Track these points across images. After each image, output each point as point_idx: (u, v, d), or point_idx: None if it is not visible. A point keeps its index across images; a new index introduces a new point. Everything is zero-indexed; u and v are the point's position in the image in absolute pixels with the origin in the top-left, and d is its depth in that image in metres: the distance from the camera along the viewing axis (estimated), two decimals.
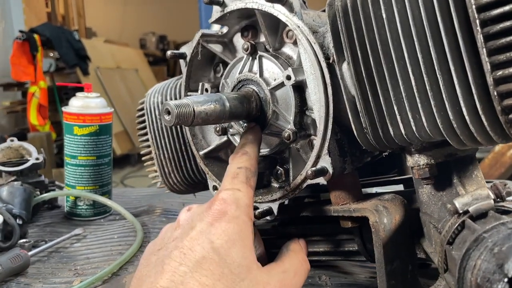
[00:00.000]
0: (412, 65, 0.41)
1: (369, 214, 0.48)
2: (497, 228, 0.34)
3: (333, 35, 0.47)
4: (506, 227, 0.33)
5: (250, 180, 0.47)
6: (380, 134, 0.46)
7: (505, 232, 0.32)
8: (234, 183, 0.46)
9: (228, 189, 0.45)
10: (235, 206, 0.43)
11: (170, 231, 0.45)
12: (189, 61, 0.63)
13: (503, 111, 0.36)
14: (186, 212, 0.46)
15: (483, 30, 0.36)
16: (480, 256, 0.32)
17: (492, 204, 0.38)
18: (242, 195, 0.44)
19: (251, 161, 0.49)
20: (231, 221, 0.41)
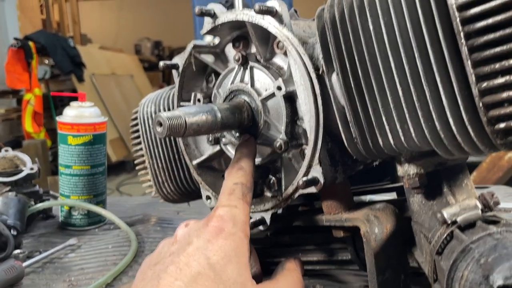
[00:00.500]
0: (399, 76, 0.41)
1: (360, 224, 0.48)
2: (483, 239, 0.34)
3: (322, 46, 0.48)
4: (493, 237, 0.34)
5: (246, 196, 0.48)
6: (369, 144, 0.46)
7: (491, 243, 0.33)
8: (231, 199, 0.46)
9: (225, 206, 0.45)
10: (232, 223, 0.43)
11: (167, 246, 0.46)
12: (181, 72, 0.64)
13: (489, 122, 0.37)
14: (184, 228, 0.47)
15: (467, 42, 0.36)
16: (467, 267, 0.32)
17: (479, 214, 0.38)
18: (238, 212, 0.45)
19: (246, 177, 0.50)
20: (228, 238, 0.42)
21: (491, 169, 2.10)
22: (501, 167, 2.08)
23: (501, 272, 0.28)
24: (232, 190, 0.47)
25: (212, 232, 0.42)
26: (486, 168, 2.11)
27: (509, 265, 0.28)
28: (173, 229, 0.95)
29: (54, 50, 4.79)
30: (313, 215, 0.57)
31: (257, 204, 0.59)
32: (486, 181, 2.09)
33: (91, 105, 0.92)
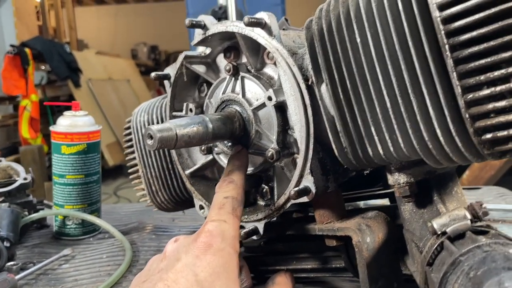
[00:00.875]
0: (387, 87, 0.42)
1: (352, 234, 0.49)
2: (473, 252, 0.34)
3: (311, 57, 0.48)
4: (482, 250, 0.34)
5: (236, 210, 0.47)
6: (359, 153, 0.47)
7: (480, 256, 0.33)
8: (221, 214, 0.46)
9: (214, 221, 0.45)
10: (221, 239, 0.43)
11: (156, 263, 0.45)
12: (173, 82, 0.64)
13: (475, 133, 0.37)
14: (173, 244, 0.47)
15: (452, 55, 0.37)
16: (457, 281, 0.32)
17: (469, 224, 0.39)
18: (228, 227, 0.45)
19: (237, 190, 0.50)
20: (216, 254, 0.41)
21: (483, 167, 2.11)
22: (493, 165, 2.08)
23: (490, 286, 0.28)
24: (222, 204, 0.47)
25: (201, 248, 0.42)
26: (478, 167, 2.12)
27: (498, 279, 0.29)
28: (168, 237, 0.95)
29: (51, 56, 4.79)
30: (306, 224, 0.57)
31: (250, 213, 0.59)
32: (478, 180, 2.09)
33: (85, 114, 0.92)
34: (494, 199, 1.07)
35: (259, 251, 0.71)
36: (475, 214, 0.40)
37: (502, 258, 0.31)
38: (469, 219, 0.39)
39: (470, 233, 0.38)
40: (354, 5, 0.43)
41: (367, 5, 0.42)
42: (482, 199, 1.08)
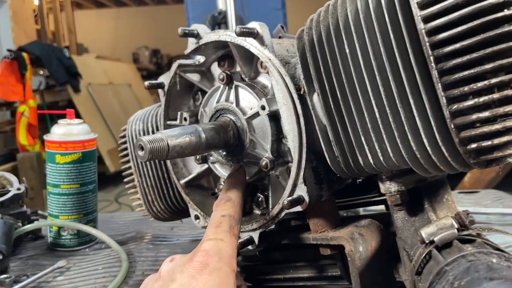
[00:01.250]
0: (376, 97, 0.44)
1: (345, 243, 0.50)
2: (457, 261, 0.36)
3: (302, 67, 0.50)
4: (466, 259, 0.36)
5: (233, 228, 0.48)
6: (350, 163, 0.48)
7: (464, 266, 0.34)
8: (217, 232, 0.47)
9: (211, 240, 0.46)
10: (218, 258, 0.44)
11: (151, 283, 0.46)
12: (167, 91, 0.66)
13: (461, 143, 0.39)
14: (168, 263, 0.47)
15: (437, 66, 0.39)
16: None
17: (456, 233, 0.40)
18: (225, 246, 0.45)
19: (235, 208, 0.50)
20: (213, 274, 0.42)
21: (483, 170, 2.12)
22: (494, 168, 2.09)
23: None
24: (219, 223, 0.48)
25: (197, 267, 0.42)
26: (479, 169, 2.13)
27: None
28: (167, 246, 0.98)
29: (49, 60, 4.84)
30: (300, 233, 0.59)
31: (245, 223, 0.61)
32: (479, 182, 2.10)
33: (80, 122, 0.95)
34: (492, 203, 1.08)
35: (257, 260, 0.73)
36: (462, 222, 0.41)
37: (485, 268, 0.33)
38: (456, 228, 0.41)
39: (457, 242, 0.39)
40: (343, 17, 0.45)
41: (355, 17, 0.44)
42: (480, 202, 1.09)
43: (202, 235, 1.04)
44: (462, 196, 1.20)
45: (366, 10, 0.43)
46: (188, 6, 2.86)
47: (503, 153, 0.39)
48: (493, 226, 0.94)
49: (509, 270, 0.32)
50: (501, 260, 0.35)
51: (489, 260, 0.34)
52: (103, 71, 6.25)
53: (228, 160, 0.61)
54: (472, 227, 0.42)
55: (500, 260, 0.35)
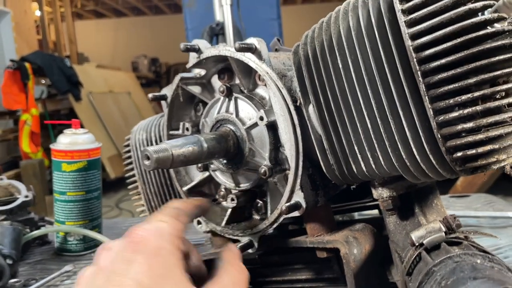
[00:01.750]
0: (367, 109, 0.45)
1: (340, 246, 0.52)
2: (445, 262, 0.37)
3: (298, 80, 0.52)
4: (453, 260, 0.37)
5: (179, 216, 0.45)
6: (344, 170, 0.50)
7: (451, 266, 0.36)
8: (158, 216, 0.43)
9: (150, 222, 0.42)
10: (156, 236, 0.40)
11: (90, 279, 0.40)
12: (170, 103, 0.68)
13: (447, 151, 0.41)
14: (105, 253, 0.41)
15: (424, 80, 0.40)
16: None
17: (443, 236, 0.42)
18: (165, 225, 0.42)
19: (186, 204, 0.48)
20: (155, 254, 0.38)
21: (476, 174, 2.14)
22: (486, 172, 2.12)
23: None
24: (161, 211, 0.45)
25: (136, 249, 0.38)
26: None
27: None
28: None
29: (51, 70, 4.85)
30: (298, 237, 0.60)
31: (245, 228, 0.62)
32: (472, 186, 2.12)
33: (85, 132, 0.96)
34: (482, 206, 1.10)
35: (256, 263, 0.74)
36: (449, 226, 0.43)
37: (470, 268, 0.34)
38: (444, 231, 0.42)
39: (444, 244, 0.41)
40: (336, 33, 0.47)
41: (347, 34, 0.46)
42: (471, 206, 1.11)
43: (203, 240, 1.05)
44: (454, 200, 1.22)
45: (357, 28, 0.45)
46: (187, 17, 2.88)
47: (487, 161, 0.40)
48: (484, 229, 0.96)
49: (492, 270, 0.34)
50: (485, 261, 0.36)
51: (474, 261, 0.36)
52: (103, 80, 6.26)
53: (228, 168, 0.62)
54: (459, 230, 0.44)
55: (484, 261, 0.36)
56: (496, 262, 0.36)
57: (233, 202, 0.63)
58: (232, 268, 0.47)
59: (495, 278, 0.32)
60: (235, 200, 0.62)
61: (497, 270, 0.34)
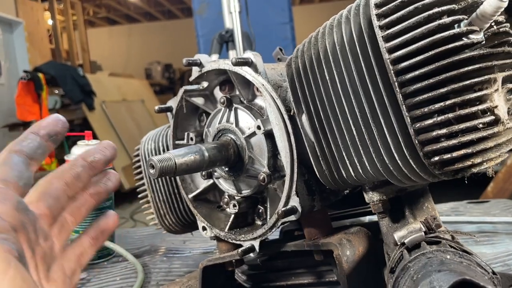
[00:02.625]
0: (352, 118, 0.51)
1: (333, 248, 0.57)
2: (418, 258, 0.42)
3: (291, 91, 0.58)
4: (426, 256, 0.42)
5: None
6: (335, 175, 0.56)
7: (423, 262, 0.41)
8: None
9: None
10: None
11: None
12: (175, 114, 0.75)
13: (425, 156, 0.46)
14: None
15: (401, 90, 0.46)
16: (405, 283, 0.41)
17: (423, 236, 0.47)
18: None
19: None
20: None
21: (507, 179, 2.14)
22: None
23: (424, 286, 0.37)
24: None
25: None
26: (502, 179, 2.16)
27: (430, 279, 0.37)
28: (179, 259, 1.06)
29: (64, 80, 5.03)
30: (296, 241, 0.66)
31: (247, 233, 0.68)
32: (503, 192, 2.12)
33: (97, 143, 1.04)
34: (501, 212, 1.12)
35: (261, 268, 0.80)
36: (429, 226, 0.48)
37: (438, 262, 0.39)
38: (424, 231, 0.47)
39: (424, 244, 0.46)
40: (323, 48, 0.53)
41: (333, 48, 0.52)
42: (488, 212, 1.14)
43: (213, 248, 1.11)
44: (472, 206, 1.24)
45: (341, 42, 0.51)
46: (198, 23, 2.98)
47: (463, 164, 0.46)
48: (500, 235, 0.99)
49: (459, 264, 0.39)
50: (455, 256, 0.41)
51: (444, 256, 0.41)
52: (116, 88, 6.44)
53: (230, 175, 0.68)
54: (440, 230, 0.48)
55: (454, 256, 0.41)
56: (466, 258, 0.41)
57: (235, 208, 0.69)
58: None
59: (457, 271, 0.36)
60: (237, 206, 0.69)
61: (465, 264, 0.39)
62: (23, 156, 0.42)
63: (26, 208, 0.39)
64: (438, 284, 0.35)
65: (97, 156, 0.48)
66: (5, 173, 0.39)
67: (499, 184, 2.16)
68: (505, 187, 2.14)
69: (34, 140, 0.43)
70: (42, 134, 0.44)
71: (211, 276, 0.76)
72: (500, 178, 2.17)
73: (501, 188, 2.14)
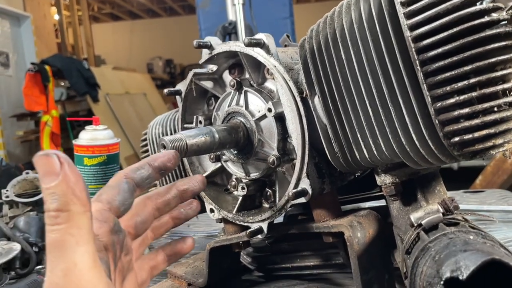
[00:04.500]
0: (369, 98, 0.47)
1: (344, 230, 0.54)
2: (439, 239, 0.39)
3: (304, 72, 0.54)
4: (447, 237, 0.39)
5: (101, 195, 0.42)
6: (348, 158, 0.52)
7: (445, 242, 0.38)
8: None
9: None
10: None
11: None
12: (184, 97, 0.71)
13: (445, 136, 0.43)
14: None
15: (422, 69, 0.42)
16: (426, 263, 0.37)
17: (441, 217, 0.43)
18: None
19: (114, 178, 0.44)
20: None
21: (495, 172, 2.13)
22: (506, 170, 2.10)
23: (449, 266, 0.33)
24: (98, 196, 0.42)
25: None
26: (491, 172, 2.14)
27: (455, 259, 0.33)
28: None
29: (70, 72, 4.96)
30: (305, 223, 0.62)
31: (255, 215, 0.65)
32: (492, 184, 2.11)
33: (104, 128, 1.00)
34: (497, 201, 1.10)
35: (267, 251, 0.77)
36: (447, 208, 0.45)
37: (462, 242, 0.36)
38: (442, 213, 0.44)
39: (442, 225, 0.43)
40: (339, 27, 0.49)
41: (350, 27, 0.48)
42: (484, 201, 1.11)
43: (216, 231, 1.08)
44: (468, 195, 1.21)
45: (359, 21, 0.47)
46: (200, 17, 2.92)
47: (484, 145, 0.42)
48: (497, 223, 0.96)
49: (483, 244, 0.35)
50: (478, 237, 0.38)
51: (467, 237, 0.38)
52: (119, 82, 6.37)
53: (239, 158, 0.65)
54: (457, 212, 0.45)
55: (477, 237, 0.38)
56: (489, 239, 0.38)
57: (243, 190, 0.65)
58: None
59: (484, 250, 0.33)
60: (245, 189, 0.65)
61: (489, 245, 0.36)
62: (132, 184, 0.43)
63: (120, 229, 0.42)
64: (464, 264, 0.32)
65: (189, 188, 0.51)
66: (112, 196, 0.42)
67: (488, 177, 2.14)
68: (493, 180, 2.12)
69: (147, 171, 0.45)
70: (154, 166, 0.46)
71: (218, 257, 0.73)
72: (489, 171, 2.15)
73: (489, 181, 2.12)
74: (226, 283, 0.76)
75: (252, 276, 0.79)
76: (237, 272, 0.80)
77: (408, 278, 0.41)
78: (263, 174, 0.65)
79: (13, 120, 5.06)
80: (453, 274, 0.32)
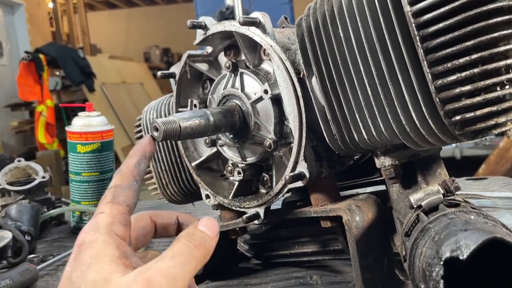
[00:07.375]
0: (368, 77, 0.46)
1: (342, 213, 0.53)
2: (439, 219, 0.39)
3: (301, 52, 0.53)
4: (447, 217, 0.38)
5: (118, 197, 0.44)
6: (347, 139, 0.51)
7: (445, 222, 0.37)
8: (99, 208, 0.43)
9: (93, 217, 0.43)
10: (93, 232, 0.41)
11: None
12: (178, 80, 0.70)
13: (446, 115, 0.42)
14: None
15: (423, 45, 0.41)
16: (425, 244, 0.37)
17: (441, 198, 0.43)
18: (103, 217, 0.42)
19: (122, 177, 0.46)
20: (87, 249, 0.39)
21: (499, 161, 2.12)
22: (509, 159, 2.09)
23: (449, 245, 0.33)
24: (104, 197, 0.44)
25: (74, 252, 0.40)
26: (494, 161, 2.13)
27: (456, 239, 0.33)
28: None
29: (65, 61, 4.93)
30: (303, 208, 0.62)
31: (251, 200, 0.64)
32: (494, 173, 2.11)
33: (98, 114, 0.99)
34: (500, 188, 1.10)
35: (264, 238, 0.77)
36: (447, 189, 0.44)
37: (462, 222, 0.36)
38: (442, 194, 0.43)
39: (442, 206, 0.42)
40: (337, 3, 0.48)
41: (348, 3, 0.47)
42: (487, 188, 1.11)
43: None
44: (470, 182, 1.21)
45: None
46: (197, 2, 2.89)
47: (485, 124, 0.41)
48: (500, 210, 0.96)
49: (484, 224, 0.35)
50: (479, 217, 0.37)
51: (467, 217, 0.37)
52: (116, 71, 6.33)
53: (235, 142, 0.64)
54: (458, 193, 0.45)
55: (478, 217, 0.37)
56: (491, 219, 0.37)
57: (239, 175, 0.64)
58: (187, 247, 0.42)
59: (485, 230, 0.33)
60: (241, 174, 0.64)
61: (491, 225, 0.36)
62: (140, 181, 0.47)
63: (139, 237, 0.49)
64: (465, 243, 0.32)
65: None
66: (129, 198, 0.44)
67: (491, 166, 2.14)
68: (496, 169, 2.12)
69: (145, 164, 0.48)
70: (149, 157, 0.49)
71: None
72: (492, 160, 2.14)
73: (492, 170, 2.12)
74: (223, 271, 0.76)
75: (249, 263, 0.79)
76: (234, 260, 0.79)
77: (407, 261, 0.40)
78: (259, 158, 0.64)
79: (7, 110, 5.04)
80: (453, 254, 0.32)
